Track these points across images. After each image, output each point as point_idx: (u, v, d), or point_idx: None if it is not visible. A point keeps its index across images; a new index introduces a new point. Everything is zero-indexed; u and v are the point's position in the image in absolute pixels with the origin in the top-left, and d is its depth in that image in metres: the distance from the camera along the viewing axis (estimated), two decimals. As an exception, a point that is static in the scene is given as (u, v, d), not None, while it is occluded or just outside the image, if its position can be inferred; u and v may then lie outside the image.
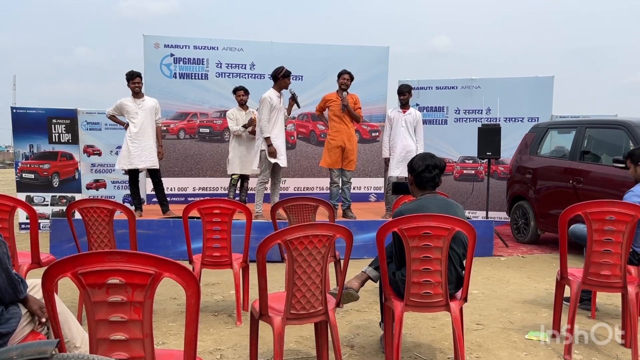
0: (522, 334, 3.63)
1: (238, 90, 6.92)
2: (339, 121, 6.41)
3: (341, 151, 6.42)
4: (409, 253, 2.78)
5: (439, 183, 3.08)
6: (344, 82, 6.33)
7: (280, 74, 6.01)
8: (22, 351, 1.43)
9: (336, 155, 6.44)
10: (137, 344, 1.86)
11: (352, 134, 6.46)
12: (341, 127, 6.40)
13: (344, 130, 6.40)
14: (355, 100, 6.43)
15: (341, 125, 6.40)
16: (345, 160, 6.47)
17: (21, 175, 8.10)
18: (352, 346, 3.42)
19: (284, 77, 6.01)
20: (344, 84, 6.34)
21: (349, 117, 6.38)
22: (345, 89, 6.36)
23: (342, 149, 6.42)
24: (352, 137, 6.46)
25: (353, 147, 6.46)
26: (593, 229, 3.21)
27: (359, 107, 6.47)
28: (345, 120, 6.39)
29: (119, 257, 1.80)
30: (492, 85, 8.48)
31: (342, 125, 6.40)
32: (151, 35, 7.88)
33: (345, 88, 6.36)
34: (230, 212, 3.89)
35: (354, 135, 6.51)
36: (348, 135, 6.41)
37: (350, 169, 6.54)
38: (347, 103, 6.29)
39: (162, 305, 4.30)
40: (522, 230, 7.23)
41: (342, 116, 6.37)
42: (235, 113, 6.94)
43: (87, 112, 8.18)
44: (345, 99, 6.31)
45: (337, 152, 6.42)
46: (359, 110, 6.47)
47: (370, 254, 5.74)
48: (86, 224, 3.86)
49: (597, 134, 6.36)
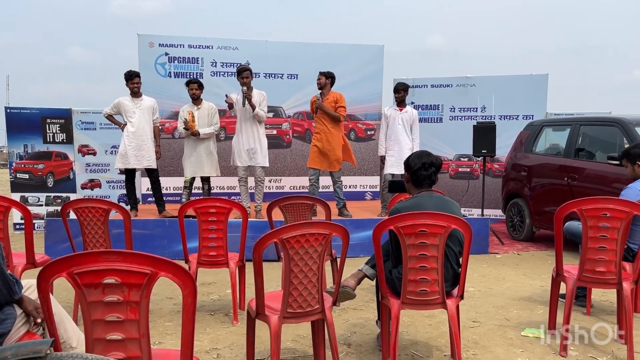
0: (518, 331, 3.64)
1: (191, 83, 6.37)
2: (318, 122, 6.33)
3: (320, 152, 6.30)
4: (406, 251, 2.78)
5: (435, 181, 3.09)
6: (318, 83, 6.24)
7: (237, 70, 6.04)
8: (17, 351, 1.42)
9: (314, 155, 6.34)
10: (133, 343, 1.85)
11: (332, 135, 6.25)
12: (320, 128, 6.30)
13: (322, 131, 6.28)
14: (336, 99, 6.23)
15: (320, 125, 6.30)
16: (327, 162, 6.32)
17: (15, 176, 8.06)
18: (349, 344, 3.42)
19: (237, 76, 5.98)
20: (318, 84, 6.24)
21: (328, 117, 6.22)
22: (320, 89, 6.25)
23: (320, 150, 6.30)
24: (332, 137, 6.25)
25: (333, 148, 6.26)
26: (588, 225, 3.22)
27: (340, 106, 6.22)
28: (324, 121, 6.25)
29: (115, 257, 1.79)
30: (487, 83, 8.50)
31: (321, 126, 6.29)
32: (145, 35, 7.85)
33: (320, 88, 6.25)
34: (226, 211, 3.89)
35: (335, 135, 6.28)
36: (327, 136, 6.25)
37: (333, 170, 6.37)
38: (319, 104, 6.17)
39: (158, 305, 4.29)
40: (517, 227, 7.26)
41: (321, 116, 6.26)
42: (184, 110, 6.39)
43: (81, 112, 8.14)
44: (317, 101, 6.20)
45: (315, 152, 6.32)
46: (341, 109, 6.21)
47: (366, 253, 5.74)
48: (81, 224, 3.84)
49: (591, 131, 6.38)
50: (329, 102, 6.20)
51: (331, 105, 6.20)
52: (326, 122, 6.24)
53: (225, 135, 8.08)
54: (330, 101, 6.21)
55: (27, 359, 1.42)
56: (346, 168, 8.50)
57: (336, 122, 6.26)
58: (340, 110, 6.23)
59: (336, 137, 6.30)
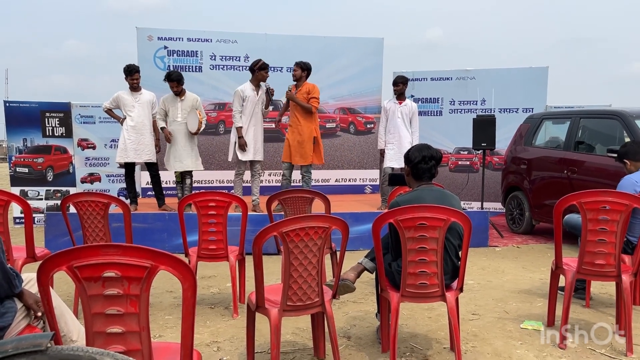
0: (518, 324, 3.66)
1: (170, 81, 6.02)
2: (291, 114, 6.25)
3: (290, 145, 6.20)
4: (405, 244, 2.78)
5: (435, 174, 3.08)
6: (294, 74, 6.16)
7: (256, 66, 5.98)
8: (18, 344, 1.43)
9: (285, 148, 6.28)
10: (133, 336, 1.86)
11: (303, 127, 6.12)
12: (292, 120, 6.23)
13: (293, 124, 6.20)
14: (308, 90, 6.11)
15: (292, 118, 6.23)
16: (297, 155, 6.18)
17: (15, 170, 8.05)
18: (349, 337, 3.43)
19: (260, 70, 5.96)
20: (294, 75, 6.16)
21: (300, 109, 6.11)
22: (295, 80, 6.16)
23: (290, 143, 6.21)
24: (303, 130, 6.12)
25: (304, 140, 6.12)
26: (587, 218, 3.23)
27: (312, 97, 6.07)
28: (296, 113, 6.16)
29: (115, 251, 1.79)
30: (487, 76, 8.48)
31: (293, 118, 6.22)
32: (144, 28, 7.83)
33: (295, 79, 6.15)
34: (226, 205, 3.89)
35: (306, 127, 6.12)
36: (298, 129, 6.15)
37: (304, 163, 6.20)
38: (290, 95, 6.10)
39: (158, 298, 4.30)
40: (517, 220, 7.26)
41: (293, 108, 6.18)
42: (165, 101, 6.15)
43: (80, 106, 8.13)
44: (289, 92, 6.12)
45: (286, 145, 6.26)
46: (313, 100, 6.06)
47: (365, 246, 5.75)
48: (81, 217, 3.84)
49: (591, 124, 6.38)
50: (302, 93, 6.11)
51: (304, 96, 6.10)
52: (298, 114, 6.15)
53: (224, 129, 8.07)
54: (302, 92, 6.12)
55: (28, 352, 1.42)
56: (346, 161, 8.51)
57: (308, 114, 6.13)
58: (312, 101, 6.10)
59: (307, 129, 6.14)
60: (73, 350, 1.47)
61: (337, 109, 8.41)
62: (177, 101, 6.11)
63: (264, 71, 5.97)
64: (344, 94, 8.37)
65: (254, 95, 6.04)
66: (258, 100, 6.09)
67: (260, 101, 6.12)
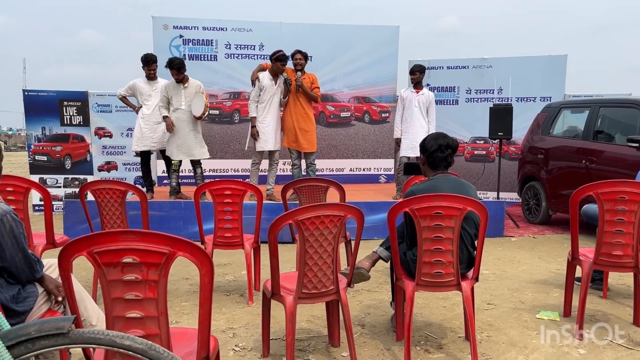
0: (533, 314, 3.64)
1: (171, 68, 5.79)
2: (293, 102, 6.21)
3: (297, 132, 6.22)
4: (421, 233, 2.78)
5: (451, 163, 3.07)
6: (297, 63, 6.10)
7: (273, 56, 5.98)
8: (40, 327, 1.46)
9: (291, 136, 6.26)
10: (152, 321, 1.89)
11: (308, 115, 6.24)
12: (296, 108, 6.20)
13: (298, 112, 6.20)
14: (312, 80, 6.20)
15: (297, 106, 6.20)
16: (305, 142, 6.25)
17: (34, 158, 8.18)
18: (363, 325, 3.45)
19: (276, 61, 5.96)
20: (297, 64, 6.11)
21: (305, 97, 6.17)
22: (300, 69, 6.12)
23: (295, 130, 6.22)
24: (309, 118, 6.24)
25: (310, 129, 6.25)
26: (605, 209, 3.19)
27: (316, 87, 6.22)
28: (301, 101, 6.18)
29: (134, 237, 1.82)
30: (504, 64, 8.37)
31: (297, 107, 6.19)
32: (160, 17, 7.85)
33: (300, 68, 6.12)
34: (242, 193, 3.91)
35: (311, 116, 6.29)
36: (303, 117, 6.20)
37: (311, 151, 6.30)
38: (302, 84, 6.08)
39: (174, 285, 4.35)
40: (533, 210, 7.20)
41: (298, 96, 6.18)
42: (170, 88, 5.91)
43: (97, 95, 8.21)
44: (299, 80, 6.09)
45: (292, 133, 6.24)
46: (317, 90, 6.22)
47: (380, 235, 5.75)
48: (99, 205, 3.89)
49: (610, 113, 6.27)
50: (306, 83, 6.16)
51: (308, 86, 6.16)
52: (304, 102, 6.21)
53: (240, 118, 8.09)
54: (307, 82, 6.17)
55: (50, 335, 1.46)
56: (360, 151, 8.49)
57: (311, 103, 6.27)
58: (316, 90, 6.23)
59: (312, 117, 6.31)
60: (94, 333, 1.50)
61: (351, 98, 8.37)
62: (180, 88, 5.88)
63: (279, 62, 5.96)
64: (359, 83, 8.33)
65: (272, 85, 6.04)
66: (277, 89, 6.09)
67: (279, 91, 6.13)
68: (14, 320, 2.14)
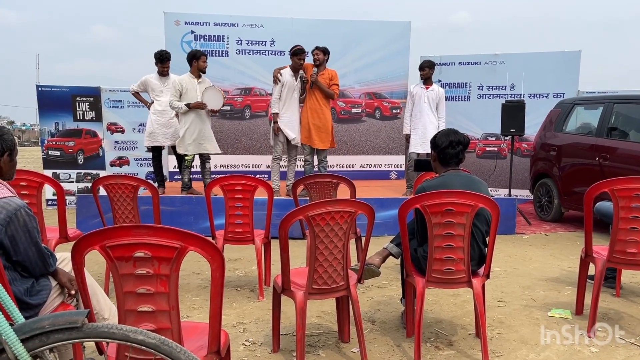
0: (545, 312, 3.62)
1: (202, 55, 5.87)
2: (310, 98, 6.20)
3: (312, 129, 6.19)
4: (432, 230, 2.77)
5: (462, 159, 3.05)
6: (315, 58, 6.08)
7: (290, 51, 5.98)
8: (54, 320, 1.48)
9: (306, 132, 6.23)
10: (163, 315, 1.90)
11: (325, 112, 6.18)
12: (313, 104, 6.18)
13: (315, 108, 6.17)
14: (331, 77, 6.15)
15: (313, 102, 6.18)
16: (319, 139, 6.22)
17: (47, 153, 8.25)
18: (373, 321, 3.45)
19: (293, 55, 5.96)
20: (316, 59, 6.09)
21: (321, 94, 6.14)
22: (318, 64, 6.10)
23: (312, 127, 6.19)
24: (325, 114, 6.19)
25: (326, 125, 6.21)
26: (620, 206, 3.15)
27: (334, 84, 6.16)
28: (317, 98, 6.15)
29: (146, 231, 1.83)
30: (517, 60, 8.29)
31: (314, 102, 6.17)
32: (172, 13, 7.89)
33: (318, 64, 6.09)
34: (252, 189, 3.92)
35: (328, 112, 6.24)
36: (319, 113, 6.16)
37: (326, 147, 6.29)
38: (316, 80, 6.06)
39: (185, 280, 4.38)
40: (545, 208, 7.14)
41: (314, 92, 6.16)
42: (185, 82, 5.82)
43: (110, 90, 8.26)
44: (313, 75, 6.06)
45: (307, 129, 6.22)
46: (335, 87, 6.15)
47: (390, 232, 5.74)
48: (111, 200, 3.93)
49: (625, 110, 6.20)
50: (324, 79, 6.13)
51: (326, 82, 6.13)
52: (320, 98, 6.18)
53: (250, 114, 8.10)
54: (325, 78, 6.14)
55: (64, 328, 1.47)
56: (371, 147, 8.48)
57: (328, 100, 6.23)
58: (334, 87, 6.17)
59: (327, 114, 6.25)
60: (107, 327, 1.51)
61: (362, 94, 8.35)
62: (196, 83, 5.84)
63: (296, 57, 5.95)
64: (370, 79, 8.30)
65: (292, 81, 6.05)
66: (296, 85, 6.09)
67: (299, 86, 6.13)
68: (28, 313, 2.16)
